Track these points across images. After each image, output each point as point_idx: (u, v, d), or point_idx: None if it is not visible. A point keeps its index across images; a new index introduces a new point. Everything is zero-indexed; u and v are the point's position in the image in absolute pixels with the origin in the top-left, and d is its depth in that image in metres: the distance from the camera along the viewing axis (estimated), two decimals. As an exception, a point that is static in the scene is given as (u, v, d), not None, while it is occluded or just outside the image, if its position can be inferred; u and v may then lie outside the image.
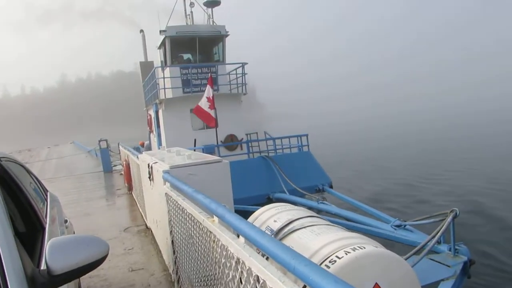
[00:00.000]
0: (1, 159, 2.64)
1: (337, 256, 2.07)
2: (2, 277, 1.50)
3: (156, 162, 5.00)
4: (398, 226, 6.12)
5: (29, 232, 2.51)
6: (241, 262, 1.96)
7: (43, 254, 2.17)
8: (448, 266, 4.81)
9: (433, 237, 4.75)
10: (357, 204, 8.95)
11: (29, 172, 3.58)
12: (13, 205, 2.45)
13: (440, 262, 4.94)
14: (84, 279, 4.86)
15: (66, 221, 3.71)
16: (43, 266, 1.90)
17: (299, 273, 1.33)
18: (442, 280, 4.55)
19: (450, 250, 5.14)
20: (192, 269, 3.34)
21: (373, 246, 2.21)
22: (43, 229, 2.62)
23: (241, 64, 14.41)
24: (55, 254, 1.69)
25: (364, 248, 2.11)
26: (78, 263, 1.73)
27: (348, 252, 2.07)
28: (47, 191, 3.96)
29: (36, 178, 3.78)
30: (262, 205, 4.03)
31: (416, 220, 5.70)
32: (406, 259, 4.52)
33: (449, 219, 4.79)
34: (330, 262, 2.07)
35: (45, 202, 3.41)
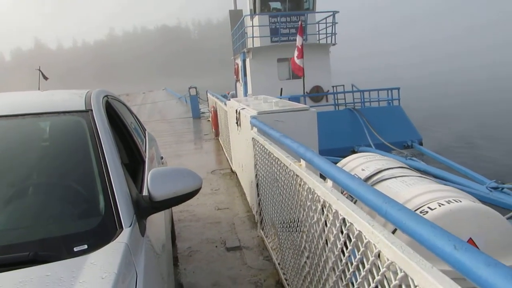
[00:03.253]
0: (108, 96, 2.87)
1: (429, 207, 1.99)
2: (113, 199, 1.68)
3: (243, 108, 5.11)
4: (495, 188, 5.69)
5: (132, 163, 2.75)
6: (327, 205, 1.98)
7: (144, 183, 2.39)
8: None
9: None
10: (448, 163, 8.43)
11: (130, 111, 3.87)
12: (118, 138, 2.68)
13: None
14: (175, 213, 5.28)
15: (162, 158, 4.01)
16: (145, 193, 2.09)
17: (391, 217, 1.31)
18: None
19: None
20: (275, 211, 3.45)
21: (470, 200, 2.08)
22: (143, 162, 2.85)
23: (331, 13, 13.85)
24: (156, 182, 1.84)
25: (460, 201, 1.99)
26: (176, 192, 1.86)
27: (442, 204, 1.97)
28: (146, 130, 4.27)
29: (136, 117, 4.08)
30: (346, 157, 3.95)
31: None
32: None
33: (558, 184, 4.33)
34: (421, 213, 1.99)
35: (144, 139, 3.69)
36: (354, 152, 10.06)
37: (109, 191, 1.72)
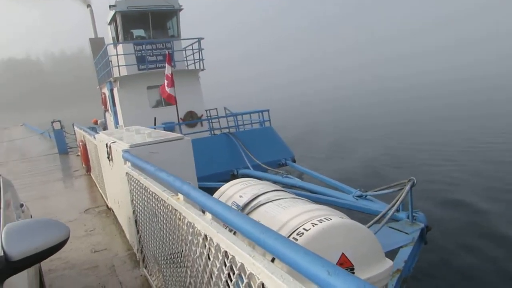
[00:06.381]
0: None
1: (304, 229, 2.10)
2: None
3: (114, 142, 4.85)
4: (360, 196, 6.31)
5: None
6: (208, 238, 1.94)
7: (-1, 240, 2.08)
8: (407, 233, 4.99)
9: (393, 205, 4.91)
10: (319, 177, 9.13)
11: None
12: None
13: (399, 230, 5.12)
14: (45, 263, 4.72)
15: (22, 205, 3.55)
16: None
17: (268, 247, 1.33)
18: (401, 247, 4.74)
19: (408, 217, 5.36)
20: (157, 247, 3.30)
21: (339, 217, 2.25)
22: (-3, 214, 2.48)
23: (197, 39, 14.11)
24: (12, 239, 1.62)
25: (331, 219, 2.14)
26: (38, 247, 1.66)
27: (315, 224, 2.10)
28: (-1, 175, 3.76)
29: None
30: (227, 181, 4.00)
31: (377, 190, 5.89)
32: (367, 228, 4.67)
33: (407, 187, 4.96)
34: (297, 234, 2.09)
35: (-3, 187, 3.24)
36: (234, 175, 10.27)
37: None
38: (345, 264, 2.11)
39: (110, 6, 13.62)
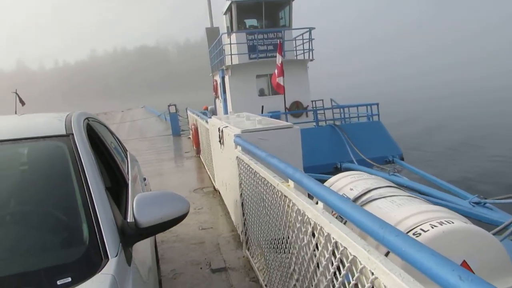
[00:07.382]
0: (89, 119, 2.80)
1: (422, 229, 1.97)
2: (98, 227, 1.61)
3: (226, 126, 5.07)
4: (477, 203, 5.74)
5: (115, 187, 2.66)
6: (318, 228, 1.93)
7: (128, 208, 2.32)
8: None
9: (519, 217, 4.40)
10: (430, 178, 8.52)
11: (111, 132, 3.79)
12: (100, 162, 2.60)
13: None
14: (159, 234, 5.16)
15: (144, 179, 3.92)
16: (129, 219, 2.02)
17: (389, 243, 1.28)
18: None
19: None
20: (261, 231, 3.39)
21: (462, 221, 2.07)
22: (127, 185, 2.77)
23: (308, 29, 14.05)
24: (141, 208, 1.78)
25: (453, 222, 1.98)
26: (162, 217, 1.81)
27: (435, 226, 1.95)
28: (127, 150, 4.18)
29: (117, 138, 3.99)
30: (330, 174, 3.93)
31: (499, 198, 5.31)
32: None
33: (539, 198, 4.40)
34: (414, 234, 1.97)
35: (126, 161, 3.60)
36: (337, 168, 10.10)
37: (93, 219, 1.65)
38: (467, 273, 1.93)
39: None
